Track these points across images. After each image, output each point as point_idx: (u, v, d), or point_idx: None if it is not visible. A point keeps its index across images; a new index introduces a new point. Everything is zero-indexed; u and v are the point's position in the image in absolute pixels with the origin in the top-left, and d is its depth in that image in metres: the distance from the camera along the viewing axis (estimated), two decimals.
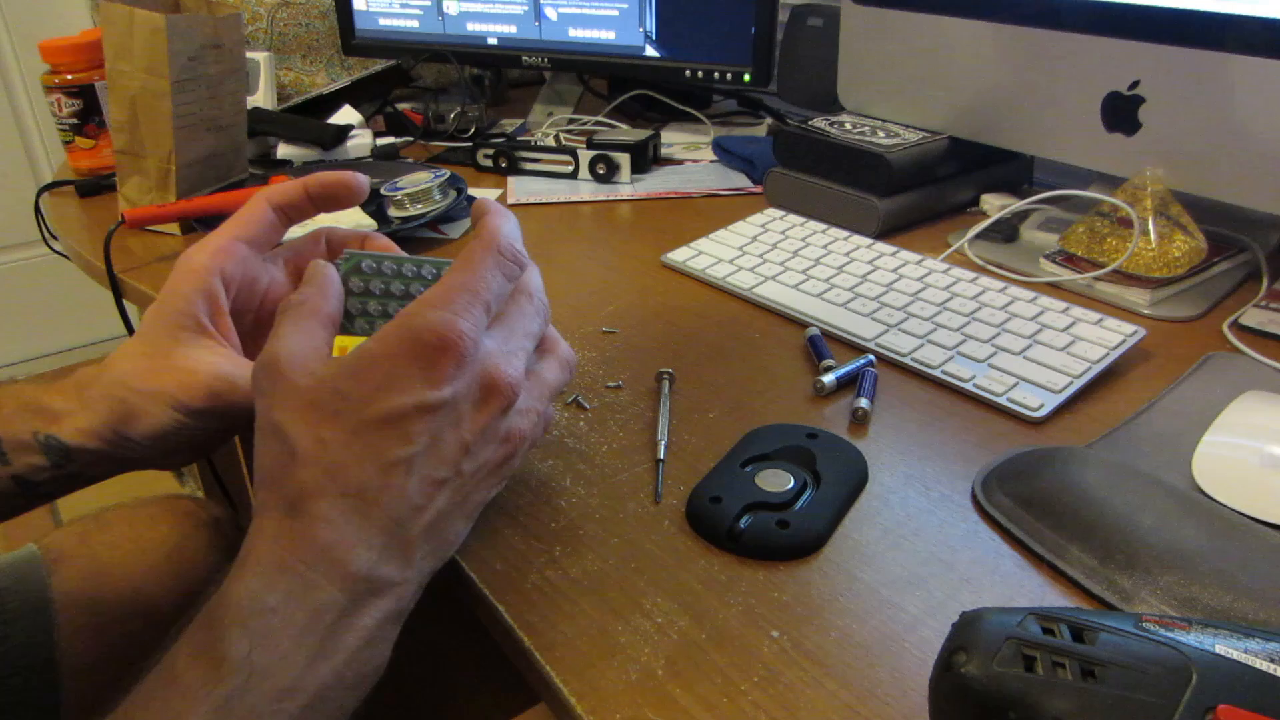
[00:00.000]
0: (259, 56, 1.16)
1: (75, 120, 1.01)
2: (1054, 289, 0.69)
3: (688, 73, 1.06)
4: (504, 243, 0.39)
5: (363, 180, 0.48)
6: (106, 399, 0.45)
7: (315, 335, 0.38)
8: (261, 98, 1.16)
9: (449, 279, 0.38)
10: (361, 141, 1.06)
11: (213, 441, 0.50)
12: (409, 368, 0.35)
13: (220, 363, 0.45)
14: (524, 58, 1.14)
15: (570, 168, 0.98)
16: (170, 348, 0.45)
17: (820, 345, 0.61)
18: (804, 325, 0.65)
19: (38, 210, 0.95)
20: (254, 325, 0.50)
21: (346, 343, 0.40)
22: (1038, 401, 0.54)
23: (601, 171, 0.97)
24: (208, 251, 0.47)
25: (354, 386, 0.35)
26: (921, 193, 0.82)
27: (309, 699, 0.33)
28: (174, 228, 0.86)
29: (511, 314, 0.40)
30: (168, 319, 0.46)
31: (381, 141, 1.09)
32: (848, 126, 0.86)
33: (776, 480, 0.47)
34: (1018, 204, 0.80)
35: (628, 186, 0.96)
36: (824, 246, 0.75)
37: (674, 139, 1.11)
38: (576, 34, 1.11)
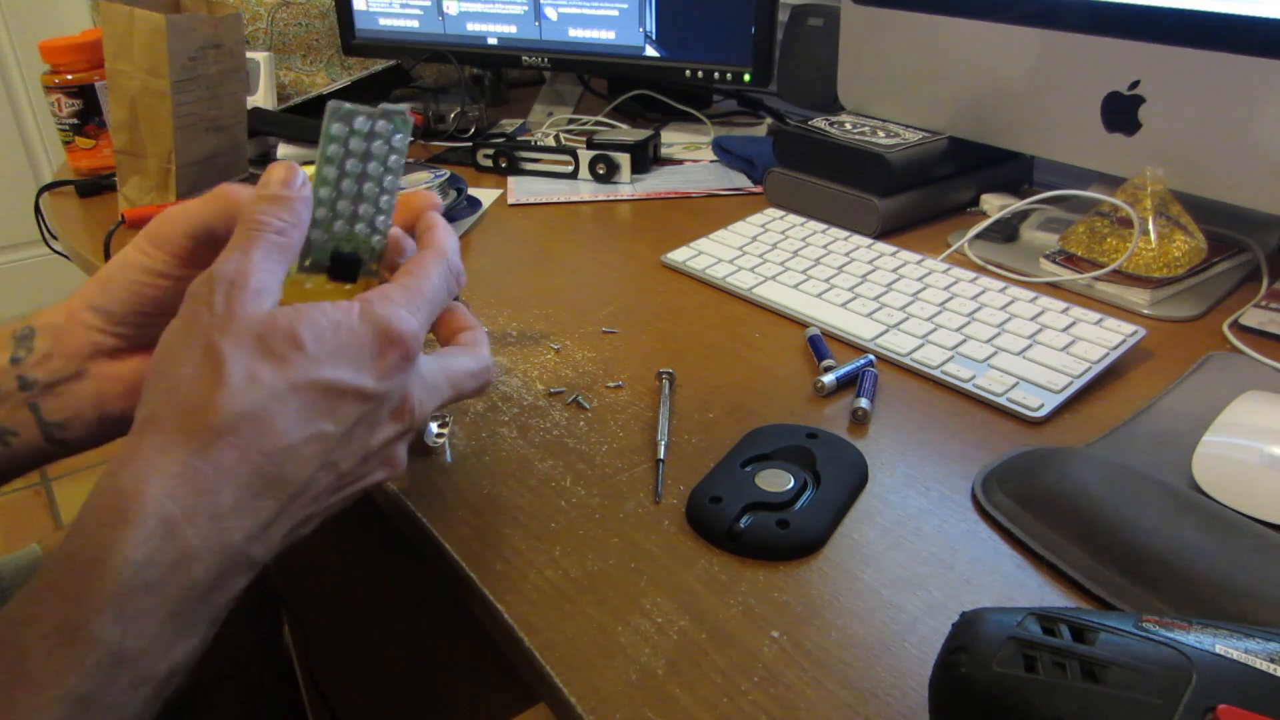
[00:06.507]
0: (259, 56, 1.16)
1: (75, 120, 1.01)
2: (1054, 289, 0.69)
3: (688, 73, 1.06)
4: (454, 259, 0.41)
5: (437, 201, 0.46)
6: (92, 282, 0.43)
7: (278, 274, 0.36)
8: (261, 98, 1.16)
9: (408, 280, 0.38)
10: None
11: None
12: (366, 348, 0.35)
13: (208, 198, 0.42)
14: (524, 58, 1.14)
15: (570, 168, 0.98)
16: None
17: (820, 345, 0.61)
18: (804, 325, 0.65)
19: (38, 210, 0.95)
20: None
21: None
22: (1038, 401, 0.54)
23: (601, 171, 0.97)
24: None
25: (312, 341, 0.34)
26: (921, 193, 0.82)
27: (161, 683, 0.31)
28: None
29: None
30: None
31: None
32: (848, 126, 0.86)
33: (776, 480, 0.47)
34: (1018, 204, 0.80)
35: (628, 186, 0.96)
36: (824, 246, 0.75)
37: (674, 139, 1.11)
38: (576, 34, 1.11)
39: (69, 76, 0.99)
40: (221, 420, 0.32)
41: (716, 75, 1.05)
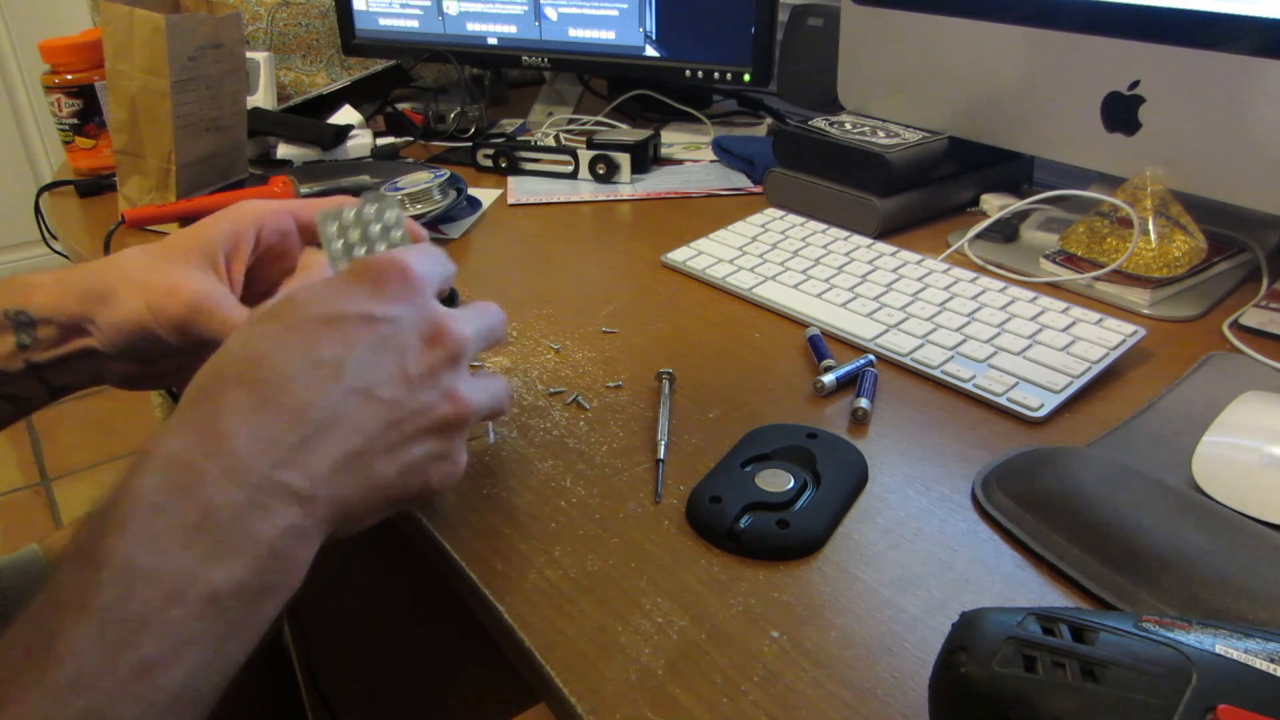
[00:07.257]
0: (259, 56, 1.16)
1: (75, 120, 1.01)
2: (1054, 289, 0.69)
3: (688, 73, 1.06)
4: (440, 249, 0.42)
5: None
6: (86, 277, 0.46)
7: None
8: (261, 98, 1.16)
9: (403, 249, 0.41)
10: (361, 141, 1.06)
11: (168, 370, 0.50)
12: (357, 285, 0.37)
13: (213, 291, 0.45)
14: (524, 58, 1.14)
15: (570, 168, 0.98)
16: (175, 264, 0.46)
17: (820, 345, 0.61)
18: (804, 325, 0.65)
19: (38, 210, 0.95)
20: (264, 293, 0.50)
21: None
22: (1038, 401, 0.54)
23: (601, 171, 0.97)
24: (264, 207, 0.48)
25: (304, 294, 0.37)
26: (921, 193, 0.82)
27: (203, 604, 0.31)
28: (174, 228, 0.86)
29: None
30: (192, 243, 0.47)
31: (381, 141, 1.09)
32: (848, 126, 0.86)
33: (776, 480, 0.47)
34: (1018, 204, 0.80)
35: (628, 186, 0.96)
36: (824, 246, 0.75)
37: (674, 139, 1.11)
38: (576, 34, 1.11)
39: (69, 76, 0.99)
40: (225, 372, 0.35)
41: (716, 75, 1.05)
